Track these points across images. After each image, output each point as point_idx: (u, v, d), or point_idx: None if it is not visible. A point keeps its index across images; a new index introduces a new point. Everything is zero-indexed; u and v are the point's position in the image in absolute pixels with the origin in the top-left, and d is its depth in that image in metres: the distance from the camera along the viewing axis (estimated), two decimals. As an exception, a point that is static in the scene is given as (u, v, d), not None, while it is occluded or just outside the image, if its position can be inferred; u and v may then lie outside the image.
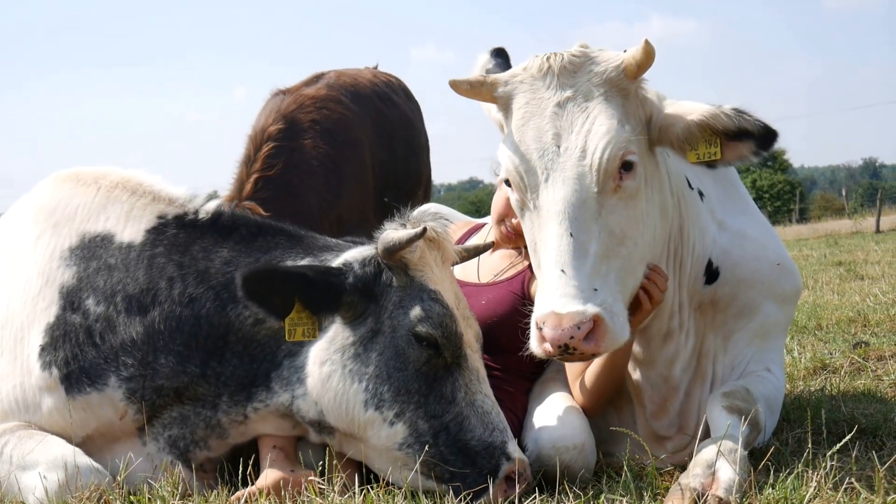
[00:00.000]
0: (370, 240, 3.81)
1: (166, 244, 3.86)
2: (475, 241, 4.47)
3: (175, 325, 3.72)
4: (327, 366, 3.61)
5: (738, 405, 3.67)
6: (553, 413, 3.90)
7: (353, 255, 3.75)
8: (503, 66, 3.94)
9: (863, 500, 3.17)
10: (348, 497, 3.47)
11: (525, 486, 3.49)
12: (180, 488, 3.66)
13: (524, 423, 4.01)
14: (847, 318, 7.75)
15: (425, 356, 3.57)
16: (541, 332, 3.31)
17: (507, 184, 3.62)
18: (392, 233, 3.65)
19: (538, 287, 3.48)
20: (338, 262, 3.73)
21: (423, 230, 3.62)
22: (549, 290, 3.33)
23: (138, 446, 3.80)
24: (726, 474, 3.27)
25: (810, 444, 3.58)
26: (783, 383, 4.20)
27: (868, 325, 7.46)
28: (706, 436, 3.65)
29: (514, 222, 4.05)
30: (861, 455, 3.76)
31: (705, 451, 3.41)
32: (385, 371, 3.57)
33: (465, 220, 4.99)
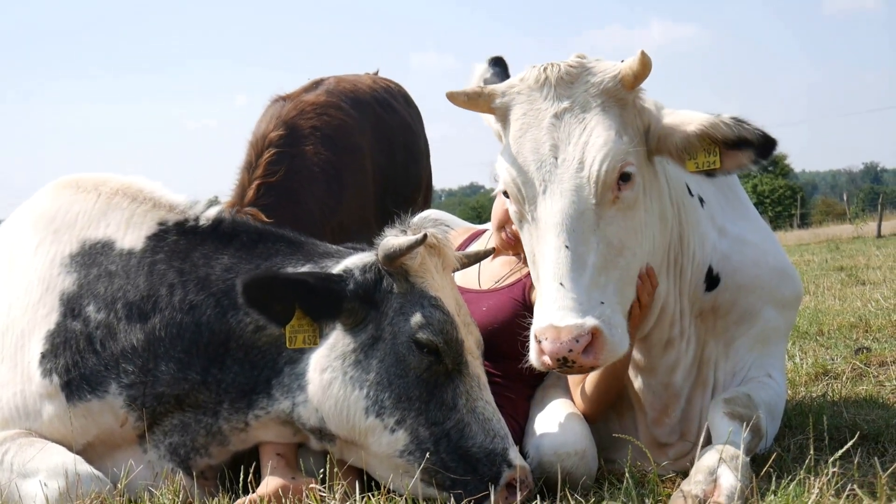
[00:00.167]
0: (371, 246, 3.81)
1: (167, 251, 3.86)
2: (476, 247, 4.47)
3: (176, 332, 3.72)
4: (328, 373, 3.61)
5: (740, 411, 3.66)
6: (554, 419, 3.90)
7: (353, 261, 3.75)
8: (501, 76, 3.93)
9: (865, 506, 3.16)
10: (349, 504, 3.47)
11: (526, 493, 3.48)
12: (181, 496, 3.65)
13: (525, 430, 4.01)
14: (849, 324, 7.74)
15: (426, 363, 3.56)
16: (540, 345, 3.31)
17: (506, 195, 3.62)
18: (392, 239, 3.65)
19: (537, 299, 3.48)
20: (338, 268, 3.73)
21: (424, 237, 3.62)
22: (548, 303, 3.33)
23: (139, 454, 3.79)
24: (728, 481, 3.26)
25: (812, 451, 3.57)
26: (784, 389, 4.20)
27: (870, 331, 7.45)
28: (708, 442, 3.64)
29: (515, 229, 4.04)
30: (863, 461, 3.76)
31: (707, 458, 3.40)
32: (386, 378, 3.56)
33: (466, 227, 4.98)
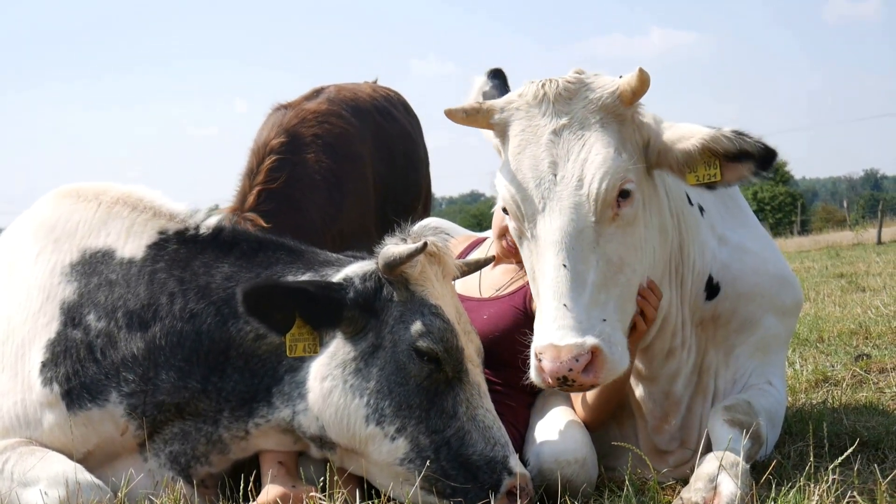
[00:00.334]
0: (371, 255, 3.81)
1: (167, 260, 3.86)
2: (476, 255, 4.47)
3: (176, 341, 3.72)
4: (328, 381, 3.61)
5: (740, 419, 3.66)
6: (555, 427, 3.90)
7: (353, 270, 3.75)
8: (500, 88, 3.93)
9: (865, 513, 3.17)
10: (349, 512, 3.47)
11: (527, 500, 3.49)
12: (181, 504, 3.65)
13: (526, 438, 4.01)
14: (849, 331, 7.74)
15: (426, 371, 3.56)
16: (540, 363, 3.32)
17: (505, 211, 3.62)
18: (392, 248, 3.65)
19: (536, 317, 3.48)
20: (338, 277, 3.74)
21: (424, 245, 3.62)
22: (548, 321, 3.33)
23: (139, 462, 3.79)
24: (728, 488, 3.27)
25: (812, 458, 3.57)
26: (785, 396, 4.20)
27: (870, 338, 7.45)
28: (708, 450, 3.64)
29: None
30: (863, 468, 3.76)
31: (707, 465, 3.40)
32: (386, 386, 3.57)
33: (467, 235, 4.99)
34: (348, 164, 6.54)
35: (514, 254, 4.17)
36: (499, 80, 4.01)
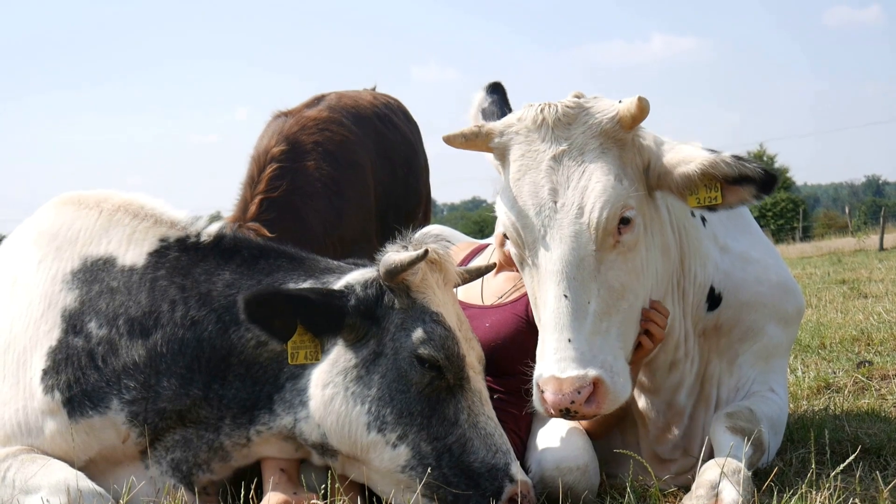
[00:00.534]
0: (372, 262, 3.81)
1: (168, 267, 3.87)
2: (478, 262, 4.47)
3: (177, 348, 3.73)
4: (330, 388, 3.61)
5: (742, 426, 3.66)
6: (556, 434, 3.90)
7: (354, 277, 3.75)
8: (499, 103, 3.92)
9: (867, 520, 3.16)
10: (351, 520, 3.47)
11: (528, 507, 3.48)
12: (183, 512, 3.65)
13: (528, 445, 4.01)
14: (851, 337, 7.73)
15: (428, 378, 3.56)
16: (542, 394, 3.34)
17: (506, 237, 3.62)
18: (394, 255, 3.65)
19: (538, 346, 3.48)
20: (340, 284, 3.74)
21: (425, 252, 3.62)
22: (549, 352, 3.35)
23: (141, 470, 3.79)
24: (730, 495, 3.26)
25: (814, 465, 3.57)
26: (787, 403, 4.20)
27: (872, 344, 7.45)
28: (710, 457, 3.64)
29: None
30: (865, 475, 3.76)
31: (709, 472, 3.40)
32: (387, 393, 3.57)
33: (469, 241, 4.99)
34: (349, 171, 6.53)
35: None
36: (498, 94, 3.98)
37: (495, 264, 4.27)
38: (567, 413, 3.30)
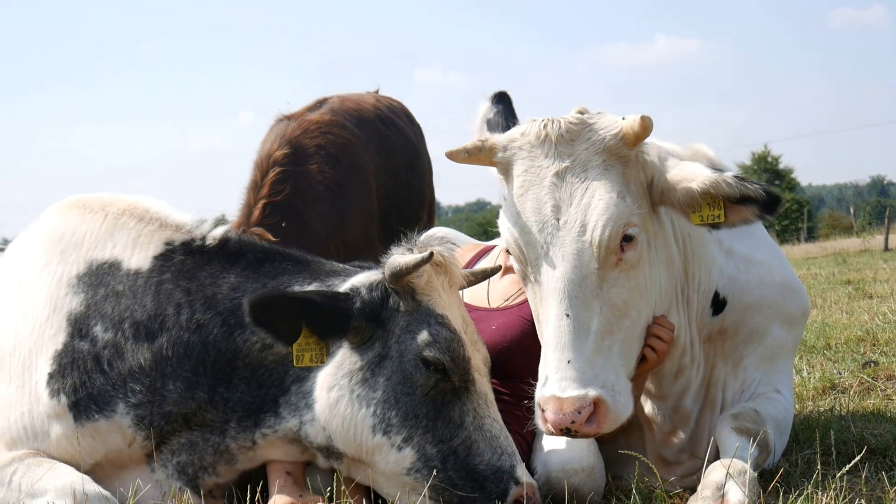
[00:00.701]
0: (377, 264, 3.81)
1: (174, 270, 3.87)
2: (484, 264, 4.46)
3: (183, 351, 3.73)
4: (335, 391, 3.61)
5: (748, 427, 3.66)
6: (562, 436, 3.89)
7: (360, 279, 3.76)
8: (505, 113, 3.90)
9: (873, 521, 3.16)
10: (357, 522, 3.47)
11: (534, 509, 3.48)
12: (189, 515, 3.65)
13: (533, 446, 4.00)
14: (856, 338, 7.72)
15: (433, 381, 3.56)
16: (543, 413, 3.35)
17: (508, 252, 3.62)
18: (399, 258, 3.65)
19: (541, 363, 3.49)
20: (345, 287, 3.74)
21: (430, 255, 3.62)
22: (550, 371, 3.35)
23: (147, 473, 3.80)
24: (736, 496, 3.26)
25: (819, 465, 3.56)
26: (792, 404, 4.19)
27: (877, 345, 7.43)
28: (716, 458, 3.64)
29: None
30: (871, 476, 3.75)
31: (714, 474, 3.40)
32: (393, 396, 3.57)
33: (474, 243, 4.98)
34: (352, 174, 6.54)
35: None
36: (503, 104, 3.96)
37: (501, 266, 4.27)
38: (568, 431, 3.32)
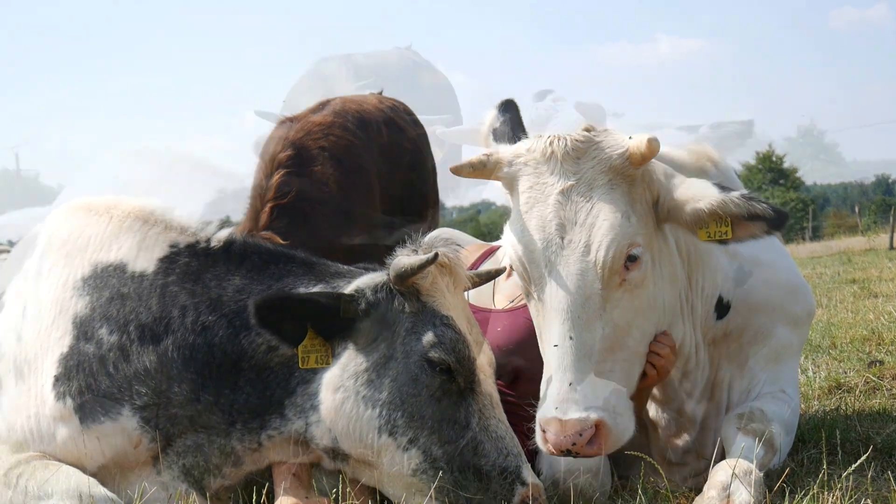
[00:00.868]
0: (382, 266, 3.82)
1: (179, 273, 3.87)
2: (490, 264, 4.45)
3: (188, 354, 3.73)
4: (340, 392, 3.61)
5: (753, 427, 3.66)
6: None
7: (365, 281, 3.76)
8: (511, 122, 3.89)
9: (880, 520, 3.16)
10: (363, 524, 3.47)
11: (540, 510, 3.48)
12: (195, 517, 3.66)
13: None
14: (861, 337, 7.70)
15: (438, 382, 3.57)
16: (545, 434, 3.35)
17: (512, 269, 3.62)
18: (403, 259, 3.65)
19: (542, 383, 3.48)
20: (350, 288, 3.74)
21: (435, 256, 3.62)
22: (552, 393, 3.35)
23: (153, 475, 3.80)
24: (741, 496, 3.26)
25: (825, 465, 3.56)
26: (798, 404, 4.19)
27: (883, 344, 7.41)
28: (722, 458, 3.63)
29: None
30: (877, 475, 3.75)
31: (720, 474, 3.39)
32: (398, 397, 3.57)
33: (479, 244, 4.98)
34: (355, 175, 6.53)
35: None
36: (510, 113, 3.95)
37: (506, 268, 4.26)
38: (569, 453, 3.32)
